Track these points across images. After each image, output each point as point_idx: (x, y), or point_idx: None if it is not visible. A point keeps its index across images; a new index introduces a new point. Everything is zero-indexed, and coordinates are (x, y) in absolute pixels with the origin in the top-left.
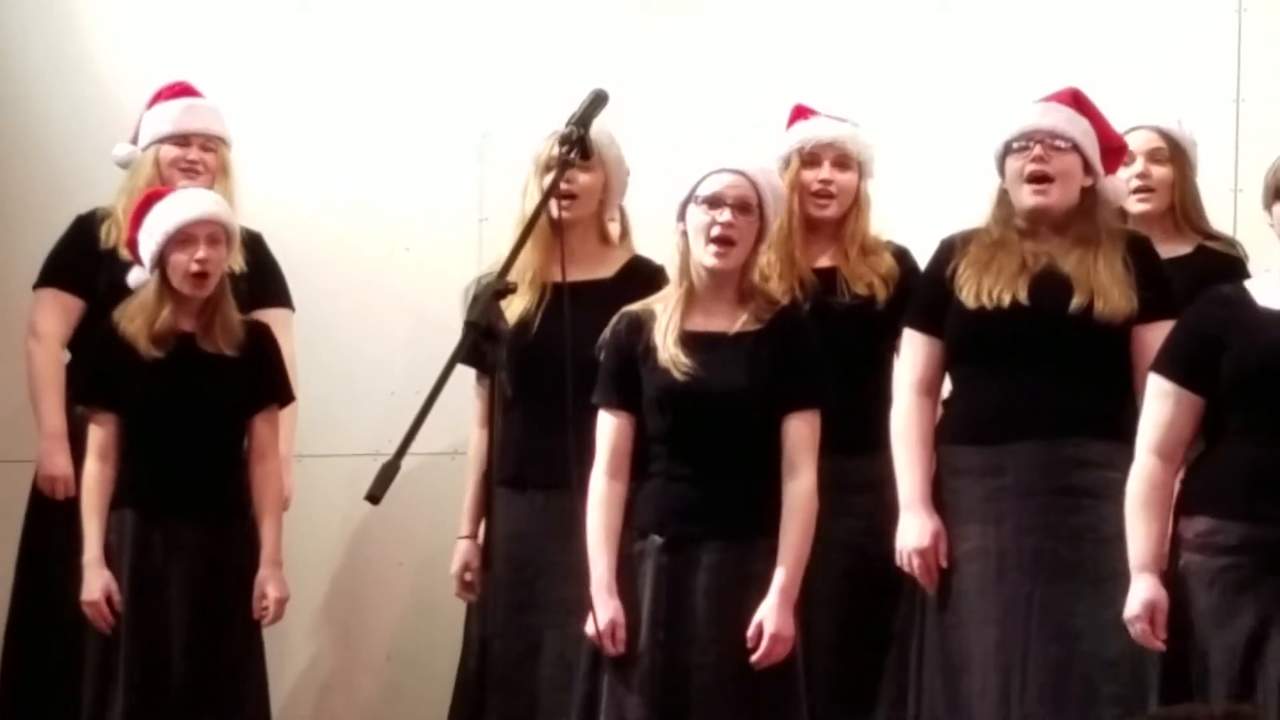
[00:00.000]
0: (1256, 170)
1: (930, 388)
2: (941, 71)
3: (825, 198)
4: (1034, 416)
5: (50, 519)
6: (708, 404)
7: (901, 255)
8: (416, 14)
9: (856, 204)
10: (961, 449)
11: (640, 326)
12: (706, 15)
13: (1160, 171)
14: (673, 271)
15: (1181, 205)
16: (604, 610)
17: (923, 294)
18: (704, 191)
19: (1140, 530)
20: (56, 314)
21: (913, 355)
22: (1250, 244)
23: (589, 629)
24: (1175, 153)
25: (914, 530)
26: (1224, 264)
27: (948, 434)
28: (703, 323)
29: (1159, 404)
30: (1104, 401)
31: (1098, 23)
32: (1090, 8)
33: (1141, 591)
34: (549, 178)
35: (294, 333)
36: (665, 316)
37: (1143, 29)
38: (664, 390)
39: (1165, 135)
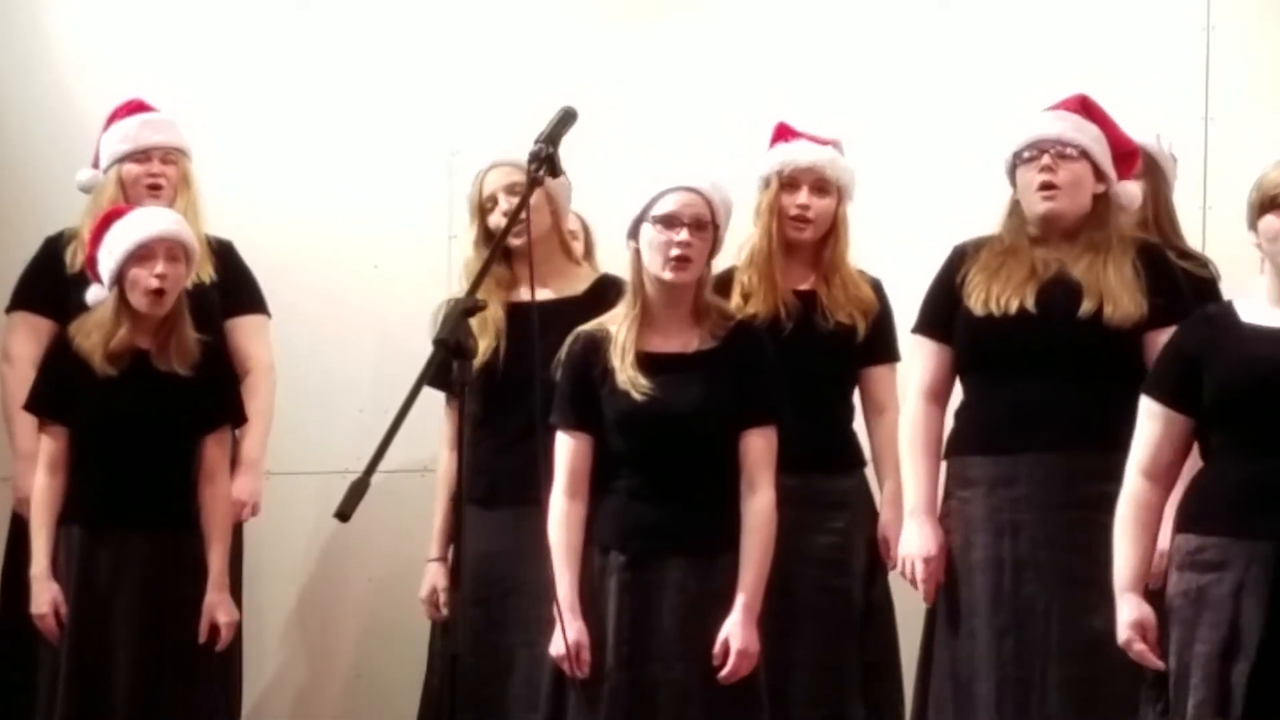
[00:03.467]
0: (1225, 188)
1: (939, 395)
2: (912, 86)
3: (802, 222)
4: (1045, 426)
5: (27, 536)
6: (668, 425)
7: (877, 288)
8: (386, 33)
9: (835, 229)
10: (972, 459)
11: (596, 347)
12: (678, 32)
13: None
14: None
15: (1156, 221)
16: (569, 631)
17: (933, 301)
18: (659, 211)
19: (1125, 550)
20: (28, 337)
21: (922, 362)
22: (1220, 261)
23: (553, 649)
24: (1150, 167)
25: (920, 538)
26: (1196, 285)
27: (957, 445)
28: (659, 343)
29: (1147, 425)
30: (1116, 411)
31: (1066, 41)
32: (1058, 26)
33: (1128, 613)
34: (517, 200)
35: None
36: (621, 337)
37: (1112, 47)
38: (624, 413)
39: (1142, 150)
